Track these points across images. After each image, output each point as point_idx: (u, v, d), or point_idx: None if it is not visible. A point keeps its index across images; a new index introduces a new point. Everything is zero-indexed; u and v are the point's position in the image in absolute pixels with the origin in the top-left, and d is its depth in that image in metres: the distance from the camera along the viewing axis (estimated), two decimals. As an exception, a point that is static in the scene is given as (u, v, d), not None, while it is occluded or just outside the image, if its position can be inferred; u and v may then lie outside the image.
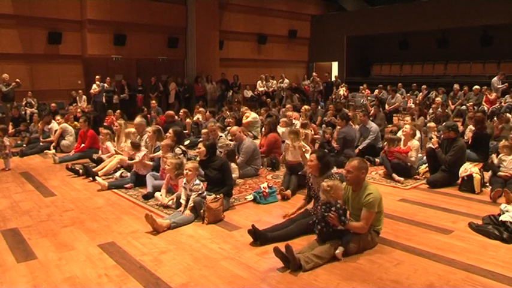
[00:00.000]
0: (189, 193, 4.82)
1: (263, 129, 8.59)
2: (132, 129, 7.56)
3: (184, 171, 4.87)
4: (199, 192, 4.80)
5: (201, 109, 11.35)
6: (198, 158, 5.78)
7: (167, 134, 6.67)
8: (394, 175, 6.29)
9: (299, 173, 5.82)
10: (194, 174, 4.85)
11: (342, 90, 15.56)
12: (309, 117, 10.56)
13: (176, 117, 10.11)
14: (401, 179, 6.21)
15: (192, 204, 4.71)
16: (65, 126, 9.07)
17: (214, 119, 10.29)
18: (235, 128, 7.23)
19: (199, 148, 5.23)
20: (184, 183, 4.89)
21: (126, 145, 7.07)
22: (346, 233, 3.72)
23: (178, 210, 4.81)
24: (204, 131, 7.77)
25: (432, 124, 8.14)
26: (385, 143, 7.02)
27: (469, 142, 7.43)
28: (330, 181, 3.78)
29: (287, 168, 6.13)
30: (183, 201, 4.82)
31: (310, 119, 10.18)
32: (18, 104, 11.99)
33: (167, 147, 5.99)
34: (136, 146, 6.35)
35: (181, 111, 10.94)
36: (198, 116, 10.59)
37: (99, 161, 7.24)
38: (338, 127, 7.98)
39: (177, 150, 6.17)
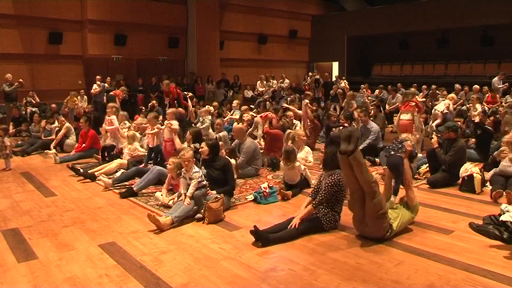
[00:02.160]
0: (188, 182, 4.82)
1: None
2: (137, 133, 7.56)
3: (183, 163, 4.89)
4: (199, 180, 4.80)
5: (215, 103, 11.80)
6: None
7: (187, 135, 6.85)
8: None
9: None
10: (192, 163, 4.86)
11: (344, 83, 15.48)
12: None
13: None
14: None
15: (192, 191, 4.71)
16: (70, 127, 9.11)
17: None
18: (240, 125, 7.24)
19: (202, 147, 5.23)
20: (184, 173, 4.90)
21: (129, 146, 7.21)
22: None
23: (180, 199, 4.82)
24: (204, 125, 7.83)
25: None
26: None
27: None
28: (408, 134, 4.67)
29: (285, 184, 5.76)
30: (183, 191, 4.83)
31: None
32: (19, 104, 11.99)
33: (172, 114, 6.90)
34: (156, 117, 7.22)
35: (189, 95, 11.28)
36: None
37: (114, 155, 7.39)
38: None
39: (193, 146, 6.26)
